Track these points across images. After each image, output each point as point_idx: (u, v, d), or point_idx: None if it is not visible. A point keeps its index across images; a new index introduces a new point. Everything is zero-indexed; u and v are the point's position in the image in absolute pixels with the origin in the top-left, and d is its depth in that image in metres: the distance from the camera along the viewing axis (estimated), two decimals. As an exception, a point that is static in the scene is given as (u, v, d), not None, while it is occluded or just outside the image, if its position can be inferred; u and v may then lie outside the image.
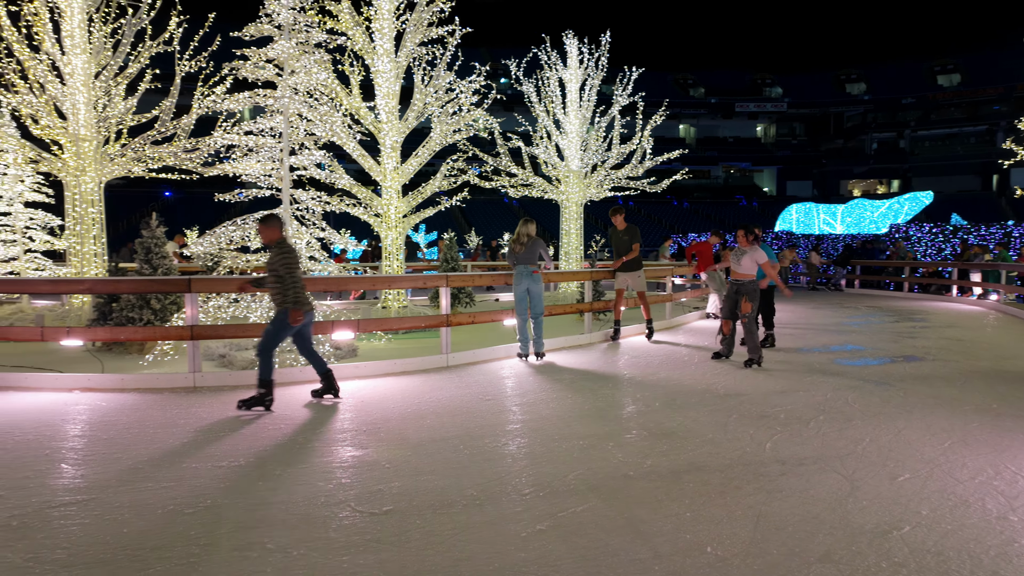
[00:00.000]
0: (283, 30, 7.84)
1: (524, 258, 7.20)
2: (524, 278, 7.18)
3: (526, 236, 7.28)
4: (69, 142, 10.09)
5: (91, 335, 6.50)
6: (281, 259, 5.08)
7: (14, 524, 2.97)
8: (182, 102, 10.77)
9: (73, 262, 10.56)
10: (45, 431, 4.53)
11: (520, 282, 7.20)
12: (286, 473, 3.66)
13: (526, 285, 7.18)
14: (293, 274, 5.06)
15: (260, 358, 5.17)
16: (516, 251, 7.28)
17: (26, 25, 9.81)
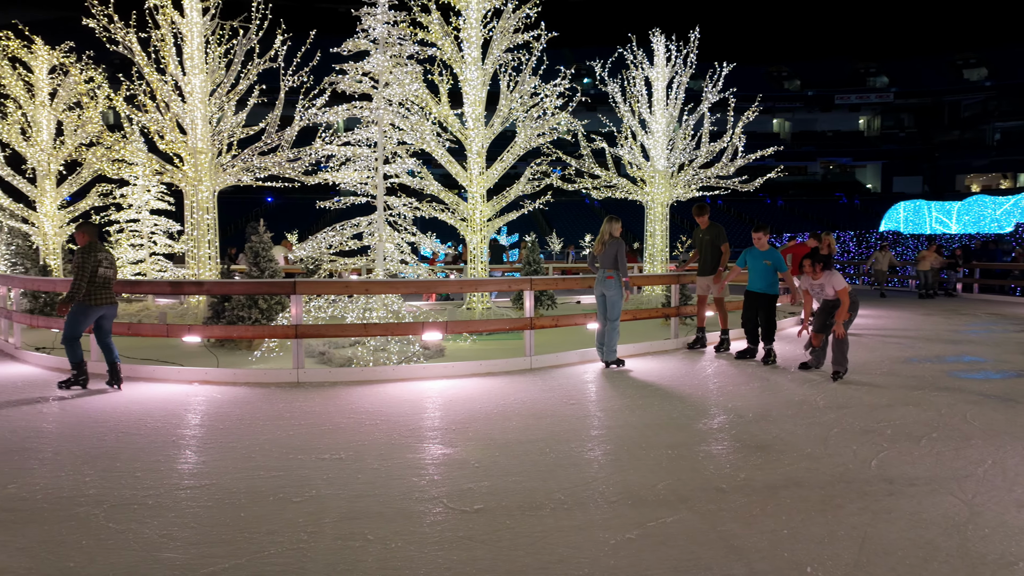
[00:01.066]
0: (378, 44, 8.22)
1: (602, 260, 6.97)
2: (600, 283, 6.99)
3: (608, 235, 7.01)
4: (188, 155, 11.08)
5: (208, 332, 7.11)
6: (77, 260, 5.99)
7: (150, 503, 3.33)
8: (285, 114, 11.54)
9: (190, 264, 11.56)
10: (171, 420, 5.01)
11: (597, 287, 7.03)
12: (382, 467, 3.86)
13: (601, 290, 6.98)
14: (78, 274, 5.89)
15: (66, 345, 6.03)
16: (596, 252, 7.06)
17: (154, 50, 10.87)
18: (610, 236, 6.98)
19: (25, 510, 3.22)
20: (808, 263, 6.54)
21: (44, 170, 14.09)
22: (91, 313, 6.03)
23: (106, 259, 6.18)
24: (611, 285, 6.88)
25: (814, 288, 6.60)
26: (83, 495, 3.41)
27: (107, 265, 6.16)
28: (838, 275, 6.48)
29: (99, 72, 12.83)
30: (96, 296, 6.03)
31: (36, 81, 14.08)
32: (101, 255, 6.14)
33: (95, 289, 6.03)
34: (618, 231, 7.10)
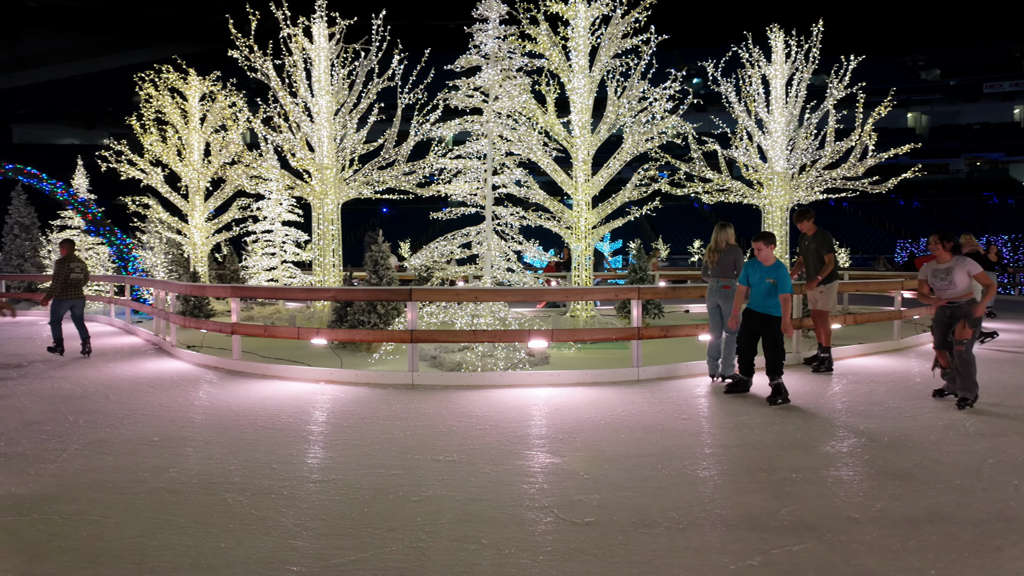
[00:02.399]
0: (489, 59, 8.47)
1: (716, 270, 6.60)
2: (714, 293, 6.62)
3: (724, 243, 6.65)
4: (316, 171, 11.99)
5: (333, 336, 7.63)
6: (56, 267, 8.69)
7: (285, 493, 3.62)
8: (401, 130, 12.19)
9: (316, 271, 12.48)
10: (301, 416, 5.43)
11: (710, 297, 6.68)
12: (493, 472, 3.94)
13: (716, 300, 6.61)
14: (55, 277, 8.50)
15: (51, 326, 8.67)
16: (710, 261, 6.69)
17: (287, 75, 11.89)
18: (726, 244, 6.63)
19: (184, 492, 3.63)
20: (935, 238, 5.52)
21: (195, 187, 15.84)
22: (64, 305, 8.71)
23: (77, 267, 8.81)
24: (727, 295, 6.51)
25: (938, 276, 5.53)
26: (229, 482, 3.78)
27: (77, 272, 8.80)
28: (974, 262, 5.43)
29: (240, 97, 14.24)
30: (67, 293, 8.70)
31: (189, 108, 15.88)
32: (73, 264, 8.76)
33: (67, 288, 8.68)
34: (733, 238, 6.76)
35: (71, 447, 4.49)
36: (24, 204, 19.84)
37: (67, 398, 6.12)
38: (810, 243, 7.52)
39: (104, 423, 5.17)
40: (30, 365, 8.08)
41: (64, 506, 3.39)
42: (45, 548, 2.90)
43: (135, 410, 5.63)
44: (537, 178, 11.93)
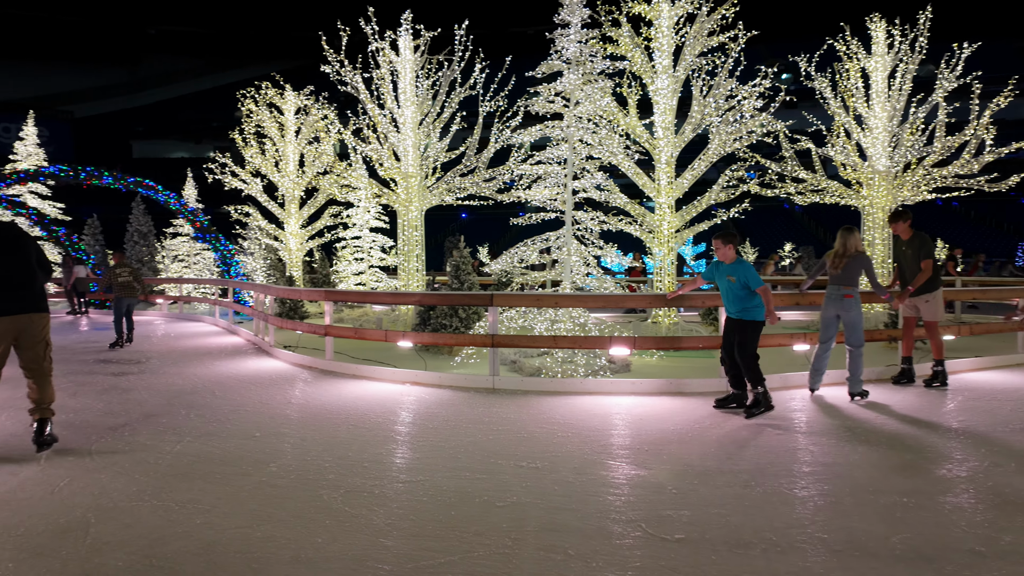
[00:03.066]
0: (571, 63, 8.44)
1: (840, 277, 6.05)
2: (833, 302, 6.09)
3: (854, 248, 6.06)
4: (401, 179, 12.40)
5: (418, 339, 7.84)
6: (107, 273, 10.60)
7: (376, 492, 3.75)
8: (481, 137, 12.40)
9: (401, 275, 12.90)
10: (389, 416, 5.62)
11: (828, 306, 6.13)
12: (577, 482, 3.90)
13: (835, 310, 6.08)
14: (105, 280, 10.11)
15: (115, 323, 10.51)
16: (833, 267, 6.10)
17: (375, 88, 12.38)
18: (855, 250, 6.09)
19: (283, 486, 3.84)
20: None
21: (290, 196, 16.81)
22: (119, 303, 10.53)
23: (125, 272, 10.63)
24: (851, 305, 6.02)
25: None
26: (325, 479, 3.96)
27: (126, 275, 10.58)
28: None
29: (332, 110, 14.97)
30: (121, 292, 10.50)
31: (285, 121, 16.88)
32: (120, 269, 10.64)
33: (118, 289, 10.49)
34: (861, 244, 6.25)
35: (184, 439, 4.86)
36: (142, 213, 21.81)
37: (180, 393, 6.64)
38: (906, 248, 6.85)
39: (212, 417, 5.56)
40: (147, 361, 8.84)
41: (179, 495, 3.67)
42: (164, 534, 3.15)
43: (239, 406, 6.02)
44: (617, 180, 11.78)
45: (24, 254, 4.62)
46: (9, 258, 4.54)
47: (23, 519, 3.32)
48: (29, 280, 4.61)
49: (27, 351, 4.58)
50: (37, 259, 4.71)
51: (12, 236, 4.64)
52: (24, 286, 4.57)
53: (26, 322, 4.54)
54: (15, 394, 5.46)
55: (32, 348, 4.58)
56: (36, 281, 4.68)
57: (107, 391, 6.72)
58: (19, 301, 4.53)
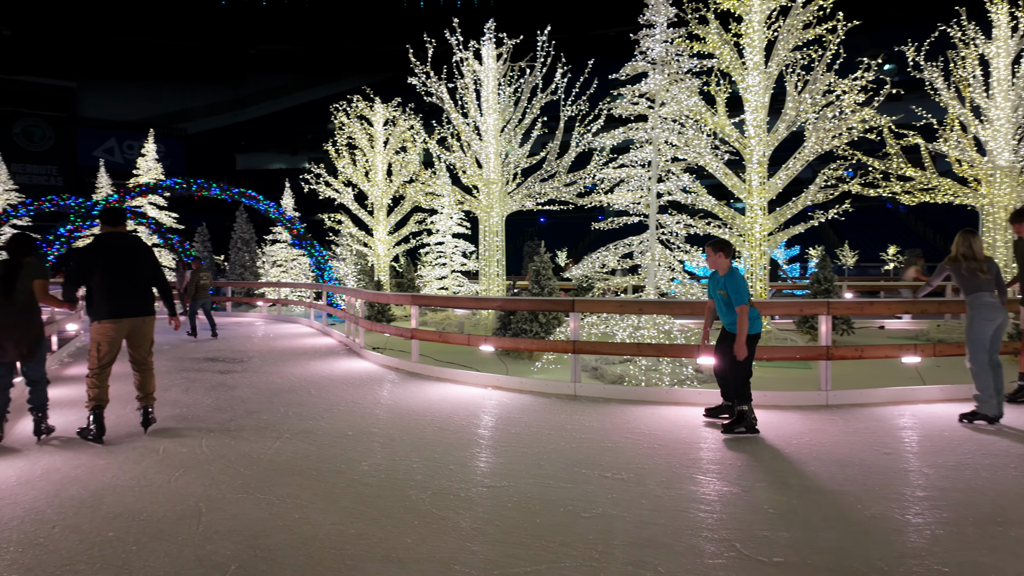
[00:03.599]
0: (656, 64, 8.26)
1: (987, 283, 5.36)
2: (995, 311, 5.31)
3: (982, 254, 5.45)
4: (483, 185, 12.59)
5: (500, 343, 7.91)
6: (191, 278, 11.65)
7: (462, 495, 3.80)
8: (562, 141, 12.36)
9: (482, 280, 13.08)
10: (473, 420, 5.69)
11: (993, 316, 5.32)
12: (666, 496, 3.78)
13: (999, 320, 5.34)
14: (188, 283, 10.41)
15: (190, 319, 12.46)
16: (977, 271, 5.38)
17: (459, 97, 12.64)
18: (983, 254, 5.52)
19: (374, 485, 3.97)
20: None
21: (379, 203, 17.49)
22: (196, 303, 12.63)
23: (205, 276, 12.73)
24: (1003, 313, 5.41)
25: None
26: (412, 480, 4.06)
27: (205, 279, 12.72)
28: None
29: (417, 120, 15.46)
30: (198, 294, 12.57)
31: (375, 132, 17.60)
32: (202, 274, 12.67)
33: (198, 291, 12.54)
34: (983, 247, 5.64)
35: (283, 435, 5.15)
36: (245, 221, 23.43)
37: (279, 391, 7.04)
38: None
39: (308, 415, 5.86)
40: (249, 361, 9.45)
41: (280, 489, 3.88)
42: (267, 526, 3.34)
43: (332, 405, 6.31)
44: (703, 182, 11.38)
45: (142, 264, 5.15)
46: (131, 267, 5.07)
47: (145, 505, 3.63)
48: (144, 287, 5.17)
49: (137, 348, 5.18)
50: (152, 272, 5.24)
51: (135, 248, 5.17)
52: (139, 293, 5.12)
53: (139, 323, 5.12)
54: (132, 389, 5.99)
55: (141, 346, 5.19)
56: (149, 288, 5.21)
57: (215, 388, 7.25)
58: (134, 305, 5.09)
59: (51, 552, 3.02)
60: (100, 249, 5.01)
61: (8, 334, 4.81)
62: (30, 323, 4.95)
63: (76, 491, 3.84)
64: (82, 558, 2.96)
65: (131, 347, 5.16)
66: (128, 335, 5.08)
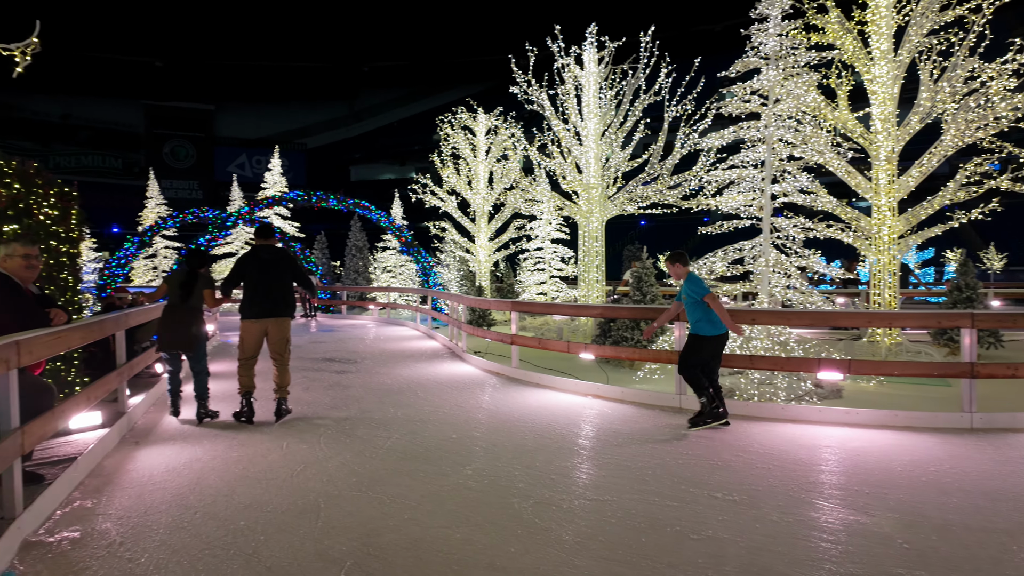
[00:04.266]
0: (769, 59, 7.81)
1: None
2: None
3: None
4: (583, 191, 12.51)
5: (600, 352, 7.81)
6: None
7: (564, 506, 3.77)
8: (666, 142, 12.01)
9: (581, 286, 12.98)
10: (573, 429, 5.64)
11: None
12: (782, 521, 3.53)
13: None
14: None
15: None
16: None
17: (560, 103, 12.64)
18: None
19: (479, 490, 4.04)
20: None
21: (480, 211, 17.91)
22: None
23: None
24: None
25: None
26: (515, 487, 4.09)
27: None
28: None
29: (518, 128, 15.66)
30: None
31: (477, 142, 18.04)
32: None
33: None
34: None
35: (393, 436, 5.38)
36: (358, 230, 24.88)
37: (388, 392, 7.38)
38: None
39: (416, 416, 6.09)
40: (362, 362, 9.99)
41: (390, 489, 4.06)
42: (378, 525, 3.50)
43: (437, 407, 6.52)
44: (822, 180, 10.60)
45: (281, 271, 5.89)
46: (273, 275, 5.84)
47: (271, 497, 3.92)
48: (283, 294, 5.92)
49: (274, 345, 5.92)
50: (294, 274, 5.98)
51: (279, 258, 5.93)
52: (277, 298, 5.86)
53: (274, 324, 5.88)
54: (266, 385, 6.52)
55: (278, 343, 5.93)
56: (288, 294, 5.96)
57: (332, 387, 7.72)
58: (270, 309, 5.86)
59: (193, 536, 3.35)
60: (251, 258, 5.85)
61: (182, 330, 5.77)
62: (194, 322, 5.86)
63: (213, 481, 4.24)
64: (219, 544, 3.25)
65: (269, 344, 5.91)
66: (266, 333, 5.86)
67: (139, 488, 4.10)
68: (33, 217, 5.54)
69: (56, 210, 5.85)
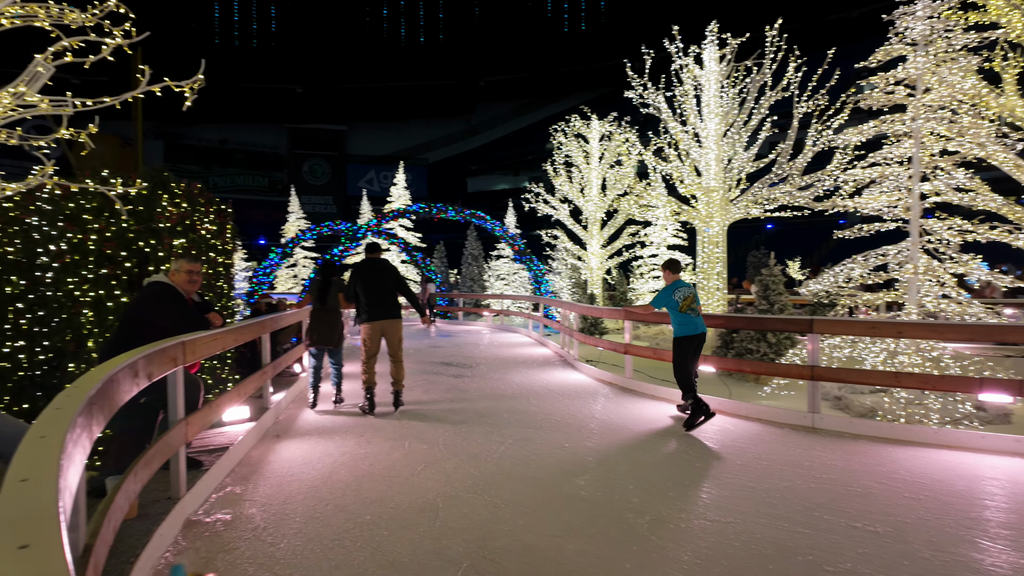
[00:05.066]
0: (917, 45, 7.06)
1: None
2: None
3: None
4: (703, 194, 12.01)
5: (721, 364, 7.42)
6: None
7: (682, 526, 3.60)
8: (796, 140, 11.21)
9: (700, 295, 12.44)
10: (689, 444, 5.40)
11: None
12: (936, 560, 3.14)
13: None
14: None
15: None
16: None
17: (677, 105, 12.30)
18: None
19: (592, 501, 3.98)
20: None
21: (592, 218, 17.78)
22: None
23: None
24: None
25: None
26: (629, 501, 3.98)
27: None
28: None
29: (632, 132, 15.38)
30: None
31: (590, 149, 17.96)
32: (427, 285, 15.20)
33: None
34: None
35: (507, 441, 5.46)
36: (474, 239, 25.70)
37: (502, 397, 7.51)
38: None
39: (528, 423, 6.14)
40: (477, 367, 10.26)
41: (504, 494, 4.11)
42: (493, 529, 3.55)
43: (549, 415, 6.53)
44: (982, 175, 9.35)
45: (387, 279, 6.70)
46: (381, 283, 6.64)
47: (394, 494, 4.13)
48: (391, 298, 6.73)
49: (388, 344, 6.74)
50: (396, 282, 6.75)
51: (383, 269, 6.73)
52: (387, 303, 6.69)
53: (388, 325, 6.69)
54: (385, 387, 6.90)
55: (392, 342, 6.75)
56: (395, 299, 6.78)
57: (449, 390, 8.01)
58: (383, 312, 6.66)
59: (325, 527, 3.60)
60: (361, 270, 6.68)
61: (327, 330, 6.85)
62: (336, 323, 6.94)
63: (343, 475, 4.54)
64: (348, 536, 3.47)
65: (386, 343, 6.71)
66: (383, 333, 6.65)
67: (280, 478, 4.49)
68: (197, 232, 6.30)
69: (215, 225, 6.61)
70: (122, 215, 5.44)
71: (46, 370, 5.51)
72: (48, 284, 5.51)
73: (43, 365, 5.51)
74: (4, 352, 5.44)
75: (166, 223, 5.89)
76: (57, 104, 4.09)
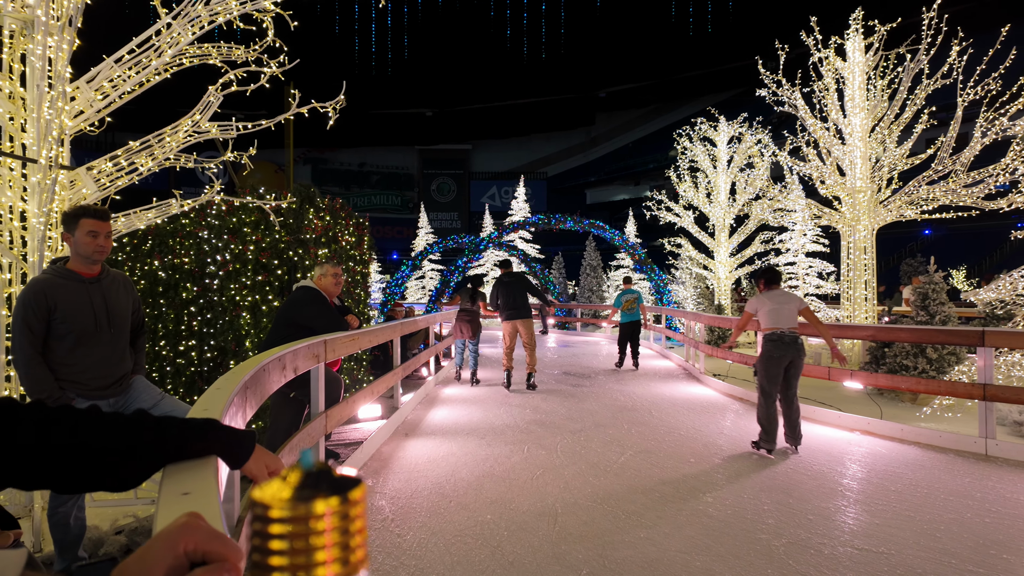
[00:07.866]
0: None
1: None
2: None
3: None
4: (847, 196, 11.01)
5: (871, 380, 6.70)
6: None
7: (825, 552, 3.27)
8: (959, 133, 9.94)
9: (845, 305, 11.36)
10: (835, 466, 4.91)
11: None
12: None
13: None
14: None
15: None
16: None
17: (817, 101, 11.40)
18: None
19: (721, 519, 3.74)
20: None
21: (720, 224, 16.94)
22: None
23: None
24: None
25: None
26: (763, 522, 3.69)
27: None
28: None
29: (765, 133, 14.48)
30: None
31: (718, 153, 17.18)
32: None
33: None
34: None
35: (627, 452, 5.31)
36: (593, 250, 25.53)
37: (622, 409, 7.33)
38: None
39: (650, 435, 5.93)
40: (595, 377, 10.12)
41: (626, 505, 3.99)
42: (614, 539, 3.45)
43: (672, 428, 6.26)
44: None
45: (519, 288, 8.54)
46: (514, 291, 8.51)
47: (513, 496, 4.16)
48: (523, 301, 8.54)
49: (524, 338, 8.52)
50: (529, 289, 8.62)
51: (515, 279, 8.62)
52: (520, 306, 8.51)
53: (522, 323, 8.52)
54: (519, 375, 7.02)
55: (524, 336, 8.53)
56: (525, 300, 8.55)
57: (568, 399, 7.96)
58: (516, 314, 8.53)
59: (447, 522, 3.71)
60: (499, 284, 8.67)
61: (470, 325, 9.24)
62: (477, 320, 9.33)
63: (465, 475, 4.66)
64: (469, 533, 3.54)
65: (521, 338, 8.58)
66: (518, 330, 8.55)
67: (407, 474, 4.70)
68: (338, 242, 6.84)
69: (353, 237, 7.14)
70: (275, 227, 6.04)
71: (211, 367, 6.25)
72: (215, 290, 6.25)
73: (210, 362, 6.26)
74: (180, 350, 6.25)
75: (312, 234, 6.46)
76: (224, 128, 4.64)
